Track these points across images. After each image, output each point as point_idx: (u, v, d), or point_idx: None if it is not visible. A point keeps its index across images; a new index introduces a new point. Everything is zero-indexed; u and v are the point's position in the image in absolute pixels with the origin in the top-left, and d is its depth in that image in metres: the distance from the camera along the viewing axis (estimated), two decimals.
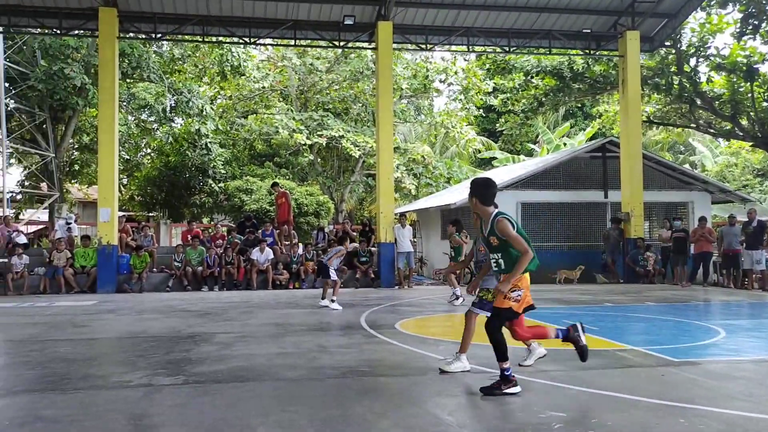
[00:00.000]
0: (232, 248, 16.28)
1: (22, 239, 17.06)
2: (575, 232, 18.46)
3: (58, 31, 17.55)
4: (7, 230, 16.85)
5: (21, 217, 25.46)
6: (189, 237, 17.01)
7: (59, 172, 24.44)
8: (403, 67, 26.93)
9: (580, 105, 34.47)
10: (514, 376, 4.91)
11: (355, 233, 18.78)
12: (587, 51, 19.67)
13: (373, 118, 25.61)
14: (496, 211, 5.10)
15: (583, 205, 18.68)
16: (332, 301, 11.05)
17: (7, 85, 22.08)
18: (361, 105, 28.24)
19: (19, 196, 26.40)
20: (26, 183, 27.17)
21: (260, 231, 17.36)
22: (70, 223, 17.61)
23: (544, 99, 23.64)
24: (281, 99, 29.44)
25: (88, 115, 25.15)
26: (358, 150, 24.99)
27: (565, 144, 31.04)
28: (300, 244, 17.27)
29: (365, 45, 19.88)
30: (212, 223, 25.15)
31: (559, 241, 18.44)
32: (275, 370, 5.86)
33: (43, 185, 25.81)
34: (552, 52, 20.22)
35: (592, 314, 10.15)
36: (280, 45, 22.49)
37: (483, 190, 5.17)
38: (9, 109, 22.77)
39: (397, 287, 16.16)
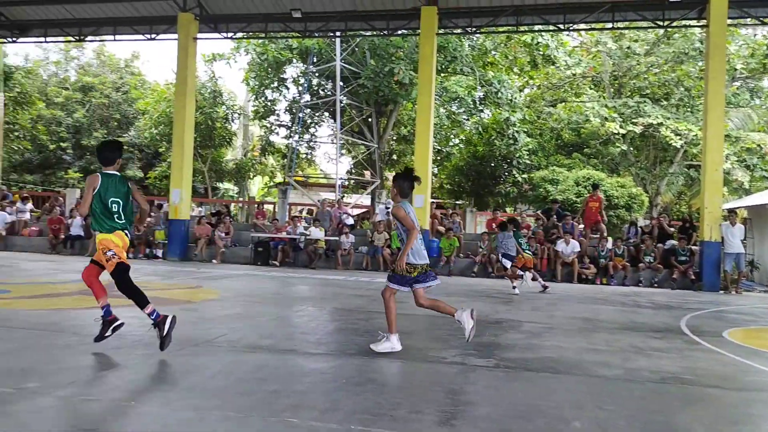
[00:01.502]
0: (536, 238, 16.17)
1: (350, 221, 19.21)
2: None
3: (386, 32, 19.24)
4: (339, 212, 19.11)
5: (347, 200, 28.70)
6: (494, 225, 17.36)
7: (380, 161, 26.94)
8: (738, 45, 23.81)
9: None
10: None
11: (672, 229, 17.23)
12: None
13: (699, 104, 23.20)
14: (101, 172, 5.27)
15: None
16: (514, 287, 11.82)
17: (341, 84, 25.00)
18: (684, 89, 25.74)
19: (346, 183, 29.82)
20: (353, 171, 30.56)
21: (561, 224, 16.93)
22: (389, 208, 19.28)
23: None
24: (593, 86, 28.31)
25: (406, 108, 27.22)
26: (679, 139, 22.83)
27: None
28: (609, 239, 16.43)
29: (693, 23, 17.98)
30: (516, 212, 25.35)
31: None
32: (586, 365, 5.60)
33: (367, 173, 28.73)
34: None
35: None
36: (596, 29, 21.59)
37: (103, 153, 5.36)
38: (342, 105, 25.76)
39: (722, 292, 14.42)
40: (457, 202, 28.14)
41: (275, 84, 28.05)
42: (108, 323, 5.32)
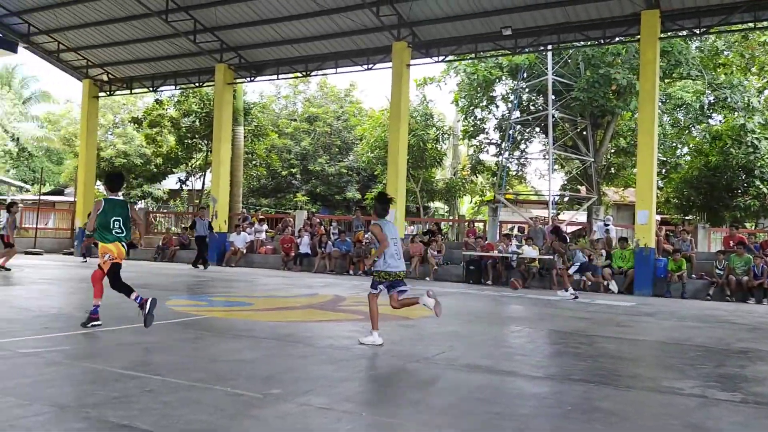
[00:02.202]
0: None
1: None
2: None
3: (602, 41, 18.38)
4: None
5: (561, 217, 27.73)
6: (732, 243, 15.65)
7: (597, 175, 25.69)
8: None
9: None
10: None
11: None
12: None
13: None
14: (105, 198, 6.90)
15: None
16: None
17: (553, 97, 24.37)
18: None
19: (559, 199, 28.84)
20: (567, 186, 29.51)
21: None
22: (607, 225, 18.30)
23: None
24: None
25: (624, 118, 25.73)
26: None
27: None
28: None
29: None
30: (758, 228, 22.59)
31: None
32: None
33: (582, 188, 27.55)
34: None
35: None
36: None
37: (112, 182, 7.16)
38: (554, 119, 25.07)
39: None
40: (687, 218, 25.80)
41: (484, 103, 28.16)
42: (91, 320, 6.70)
